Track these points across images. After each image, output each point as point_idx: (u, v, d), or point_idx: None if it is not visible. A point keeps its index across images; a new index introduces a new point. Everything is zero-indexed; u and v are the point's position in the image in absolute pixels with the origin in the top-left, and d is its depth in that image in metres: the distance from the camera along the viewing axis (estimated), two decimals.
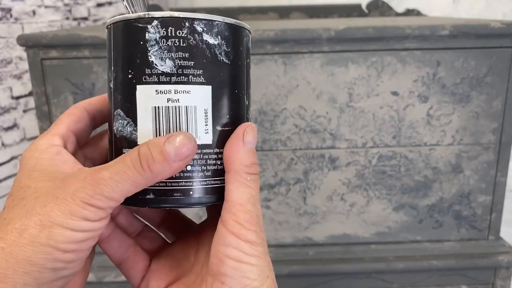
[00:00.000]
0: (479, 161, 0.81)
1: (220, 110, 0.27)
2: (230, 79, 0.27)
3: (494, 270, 0.85)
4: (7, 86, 1.32)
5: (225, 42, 0.27)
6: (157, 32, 0.25)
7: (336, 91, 0.78)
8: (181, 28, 0.25)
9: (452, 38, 0.75)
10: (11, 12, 1.32)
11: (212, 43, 0.26)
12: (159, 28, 0.25)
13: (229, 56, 0.27)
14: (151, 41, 0.25)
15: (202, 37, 0.26)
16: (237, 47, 0.28)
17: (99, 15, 1.61)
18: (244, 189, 0.26)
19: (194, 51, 0.26)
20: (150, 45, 0.25)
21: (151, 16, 0.25)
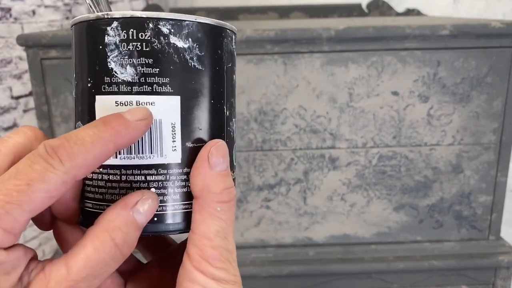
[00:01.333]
0: (480, 161, 0.81)
1: (191, 123, 0.23)
2: (204, 88, 0.24)
3: (495, 270, 0.85)
4: (6, 86, 1.32)
5: (198, 45, 0.23)
6: (117, 35, 0.22)
7: (336, 91, 0.77)
8: (144, 30, 0.22)
9: (452, 38, 0.74)
10: (11, 12, 1.31)
11: (181, 46, 0.23)
12: (119, 31, 0.22)
13: (203, 61, 0.24)
14: (110, 45, 0.22)
15: (168, 40, 0.22)
16: (213, 51, 0.24)
17: None
18: (213, 221, 0.22)
19: (159, 56, 0.22)
20: (109, 50, 0.22)
21: (110, 16, 0.22)
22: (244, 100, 0.78)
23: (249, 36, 0.73)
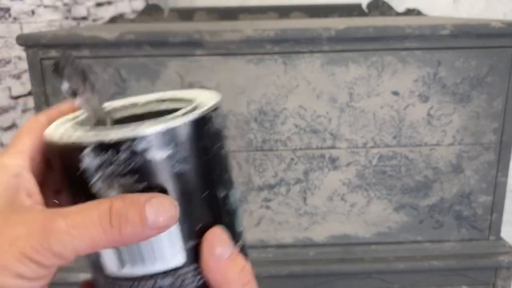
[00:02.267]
0: (480, 161, 0.81)
1: (188, 223, 0.22)
2: (194, 184, 0.23)
3: (495, 271, 0.85)
4: (6, 86, 1.32)
5: (179, 149, 0.21)
6: (94, 161, 0.21)
7: (336, 91, 0.77)
8: (118, 151, 0.20)
9: (452, 37, 0.74)
10: (10, 12, 1.31)
11: (159, 158, 0.21)
12: (94, 156, 0.20)
13: (188, 160, 0.22)
14: (89, 171, 0.21)
15: (146, 157, 0.21)
16: (197, 146, 0.22)
17: (98, 15, 1.61)
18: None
19: (141, 172, 0.21)
20: (88, 176, 0.21)
21: (84, 142, 0.20)
22: (244, 100, 0.77)
23: (249, 36, 0.73)
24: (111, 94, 0.77)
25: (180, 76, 0.76)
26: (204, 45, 0.74)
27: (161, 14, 1.18)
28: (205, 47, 0.75)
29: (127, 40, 0.73)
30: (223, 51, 0.75)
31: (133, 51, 0.75)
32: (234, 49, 0.75)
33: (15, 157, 0.23)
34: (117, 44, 0.74)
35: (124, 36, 0.73)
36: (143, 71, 0.76)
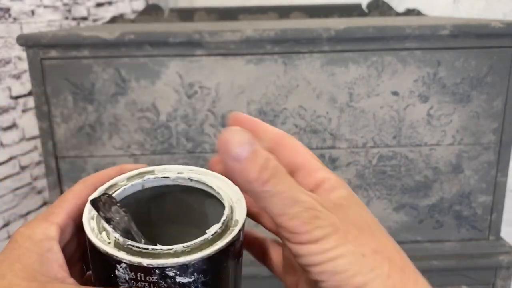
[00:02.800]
0: (480, 161, 0.81)
1: None
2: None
3: (495, 270, 0.85)
4: (5, 86, 1.32)
5: (203, 275, 0.23)
6: (126, 274, 0.23)
7: (336, 91, 0.77)
8: (150, 274, 0.23)
9: (452, 38, 0.74)
10: (10, 12, 1.31)
11: (186, 281, 0.23)
12: (128, 271, 0.23)
13: (209, 283, 0.24)
14: (120, 278, 0.23)
15: (174, 280, 0.23)
16: (218, 269, 0.25)
17: (98, 15, 1.61)
18: (270, 200, 0.23)
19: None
20: (120, 281, 0.24)
21: (119, 258, 0.23)
22: (244, 100, 0.78)
23: (249, 36, 0.73)
24: (111, 94, 0.77)
25: (180, 76, 0.76)
26: (204, 45, 0.74)
27: (161, 14, 1.18)
28: (205, 47, 0.75)
29: (127, 40, 0.73)
30: (223, 51, 0.75)
31: (133, 51, 0.75)
32: (234, 49, 0.75)
33: (47, 229, 0.25)
34: (117, 44, 0.74)
35: (124, 36, 0.73)
36: (143, 71, 0.76)
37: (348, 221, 0.23)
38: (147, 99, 0.77)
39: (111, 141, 0.79)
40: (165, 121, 0.78)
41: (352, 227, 0.23)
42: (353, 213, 0.24)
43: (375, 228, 0.24)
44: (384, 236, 0.24)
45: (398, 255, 0.24)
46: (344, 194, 0.25)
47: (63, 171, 0.80)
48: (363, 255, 0.23)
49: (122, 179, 0.28)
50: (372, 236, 0.24)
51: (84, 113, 0.78)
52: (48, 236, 0.25)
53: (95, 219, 0.26)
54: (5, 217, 1.33)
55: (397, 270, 0.23)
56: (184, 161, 0.80)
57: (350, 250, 0.22)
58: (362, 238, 0.23)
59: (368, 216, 0.25)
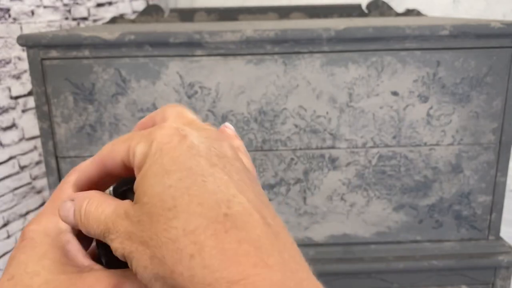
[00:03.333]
0: (479, 161, 0.81)
1: None
2: None
3: (494, 270, 0.85)
4: (5, 86, 1.32)
5: None
6: None
7: (336, 91, 0.78)
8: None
9: (452, 38, 0.75)
10: (10, 12, 1.31)
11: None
12: None
13: None
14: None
15: None
16: None
17: (98, 15, 1.61)
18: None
19: None
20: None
21: None
22: (244, 100, 0.78)
23: (249, 37, 0.73)
24: (111, 94, 0.77)
25: (180, 76, 0.76)
26: (204, 45, 0.74)
27: (161, 14, 1.19)
28: (205, 48, 0.75)
29: (127, 41, 0.73)
30: (223, 52, 0.75)
31: (133, 52, 0.75)
32: (234, 49, 0.75)
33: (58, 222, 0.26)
34: (118, 45, 0.74)
35: (124, 36, 0.73)
36: (144, 71, 0.76)
37: (138, 220, 0.22)
38: (147, 99, 0.77)
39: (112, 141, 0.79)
40: None
41: (138, 229, 0.21)
42: (150, 198, 0.21)
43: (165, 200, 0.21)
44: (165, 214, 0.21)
45: (175, 245, 0.20)
46: (143, 171, 0.22)
47: (64, 171, 0.80)
48: (145, 267, 0.21)
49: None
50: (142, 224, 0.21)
51: (84, 113, 0.78)
52: (62, 230, 0.26)
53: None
54: (4, 217, 1.33)
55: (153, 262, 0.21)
56: None
57: (138, 264, 0.21)
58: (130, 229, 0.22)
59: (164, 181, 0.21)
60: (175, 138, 0.22)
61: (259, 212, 0.21)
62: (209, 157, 0.22)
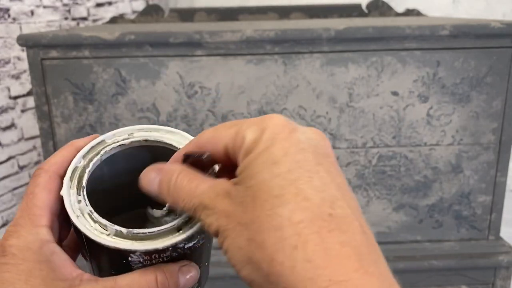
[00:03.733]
0: (479, 161, 0.81)
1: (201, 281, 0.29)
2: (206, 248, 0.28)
3: (494, 270, 0.85)
4: (5, 86, 1.32)
5: (203, 235, 0.27)
6: (141, 258, 0.25)
7: (336, 91, 0.78)
8: (164, 252, 0.25)
9: (452, 38, 0.75)
10: (9, 12, 1.31)
11: (191, 245, 0.26)
12: (142, 256, 0.25)
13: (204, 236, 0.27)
14: (134, 262, 0.25)
15: (184, 248, 0.26)
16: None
17: (98, 15, 1.61)
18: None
19: (175, 259, 0.26)
20: (133, 264, 0.25)
21: (134, 249, 0.25)
22: (244, 100, 0.78)
23: (249, 37, 0.73)
24: (111, 94, 0.77)
25: (180, 76, 0.76)
26: (204, 45, 0.74)
27: (161, 14, 1.18)
28: (205, 48, 0.75)
29: (127, 41, 0.73)
30: (223, 52, 0.75)
31: (133, 52, 0.75)
32: (234, 49, 0.75)
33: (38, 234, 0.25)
34: (118, 45, 0.74)
35: (124, 36, 0.73)
36: (144, 71, 0.76)
37: (241, 201, 0.22)
38: (147, 99, 0.77)
39: None
40: (165, 121, 0.78)
41: (239, 210, 0.22)
42: (257, 183, 0.21)
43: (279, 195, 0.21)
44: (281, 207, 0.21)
45: (278, 233, 0.20)
46: (253, 156, 0.22)
47: None
48: (240, 247, 0.21)
49: (78, 160, 0.28)
50: (260, 218, 0.21)
51: (84, 113, 0.78)
52: (44, 241, 0.25)
53: (81, 215, 0.26)
54: (3, 217, 1.33)
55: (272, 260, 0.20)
56: None
57: (232, 242, 0.22)
58: (246, 219, 0.21)
59: (280, 173, 0.21)
60: (286, 129, 0.23)
61: (357, 220, 0.21)
62: (315, 154, 0.22)
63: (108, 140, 0.29)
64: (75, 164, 0.27)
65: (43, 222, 0.25)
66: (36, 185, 0.26)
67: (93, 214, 0.25)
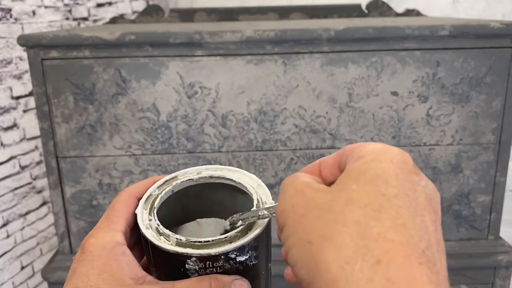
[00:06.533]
0: (479, 161, 0.82)
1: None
2: (260, 269, 0.30)
3: (494, 270, 0.85)
4: (7, 86, 1.32)
5: (254, 251, 0.29)
6: (196, 265, 0.28)
7: (336, 91, 0.78)
8: (217, 260, 0.28)
9: (451, 38, 0.75)
10: (11, 13, 1.32)
11: (243, 259, 0.29)
12: (197, 262, 0.28)
13: (257, 256, 0.29)
14: (190, 270, 0.28)
15: (235, 260, 0.28)
16: (263, 244, 0.30)
17: (99, 15, 1.61)
18: None
19: (228, 271, 0.28)
20: (190, 273, 0.28)
21: (190, 254, 0.27)
22: (244, 100, 0.78)
23: (249, 37, 0.73)
24: (112, 94, 0.77)
25: (180, 76, 0.77)
26: (204, 45, 0.75)
27: (161, 14, 1.19)
28: (205, 48, 0.75)
29: (127, 41, 0.74)
30: (223, 52, 0.75)
31: (133, 52, 0.75)
32: (234, 49, 0.75)
33: (114, 236, 0.29)
34: (118, 45, 0.74)
35: (124, 36, 0.73)
36: (144, 71, 0.76)
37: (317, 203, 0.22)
38: (147, 99, 0.78)
39: (112, 141, 0.79)
40: (166, 121, 0.79)
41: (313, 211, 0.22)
42: (357, 188, 0.22)
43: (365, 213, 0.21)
44: (362, 222, 0.20)
45: (362, 242, 0.20)
46: (356, 164, 0.23)
47: (64, 171, 0.80)
48: (309, 242, 0.21)
49: (154, 189, 0.33)
50: (337, 222, 0.21)
51: (84, 113, 0.78)
52: (118, 243, 0.29)
53: (149, 228, 0.30)
54: (4, 217, 1.33)
55: (349, 259, 0.20)
56: (185, 161, 0.81)
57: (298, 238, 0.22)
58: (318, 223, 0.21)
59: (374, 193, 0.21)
60: (408, 167, 0.23)
61: (446, 276, 0.22)
62: (427, 202, 0.23)
63: (180, 176, 0.34)
64: (150, 192, 0.32)
65: (119, 228, 0.30)
66: (118, 201, 0.31)
67: (159, 227, 0.29)
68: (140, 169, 0.81)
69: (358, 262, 0.19)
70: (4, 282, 1.33)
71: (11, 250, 1.36)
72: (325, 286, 0.20)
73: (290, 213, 0.23)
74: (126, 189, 0.33)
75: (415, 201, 0.22)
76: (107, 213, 0.31)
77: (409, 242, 0.20)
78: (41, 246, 1.48)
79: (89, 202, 0.82)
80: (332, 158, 0.27)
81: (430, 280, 0.20)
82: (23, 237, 1.40)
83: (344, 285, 0.19)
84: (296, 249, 0.22)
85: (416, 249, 0.20)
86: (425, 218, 0.22)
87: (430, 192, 0.23)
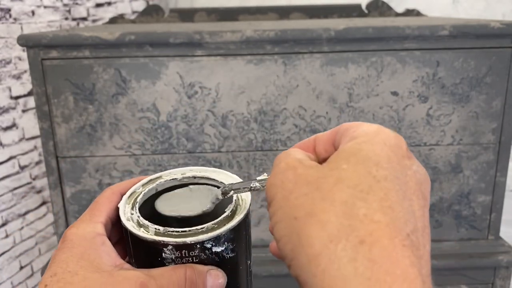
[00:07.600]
0: (479, 161, 0.82)
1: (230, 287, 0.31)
2: (237, 262, 0.31)
3: (494, 270, 0.85)
4: (6, 86, 1.32)
5: (230, 244, 0.30)
6: (172, 254, 0.28)
7: (336, 91, 0.78)
8: (193, 249, 0.28)
9: (451, 38, 0.75)
10: (10, 12, 1.31)
11: (219, 251, 0.29)
12: (174, 251, 0.28)
13: (234, 249, 0.30)
14: (167, 259, 0.29)
15: (211, 250, 0.29)
16: (240, 236, 0.31)
17: (98, 15, 1.61)
18: None
19: (205, 262, 0.29)
20: (166, 262, 0.29)
21: (166, 242, 0.28)
22: (244, 100, 0.78)
23: (249, 37, 0.73)
24: (112, 94, 0.77)
25: (180, 76, 0.76)
26: (204, 45, 0.75)
27: (161, 14, 1.19)
28: (205, 48, 0.75)
29: (127, 41, 0.73)
30: (223, 52, 0.75)
31: (133, 52, 0.75)
32: (234, 49, 0.75)
33: (95, 227, 0.30)
34: (118, 45, 0.74)
35: (124, 36, 0.73)
36: (144, 71, 0.76)
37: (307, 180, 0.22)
38: (147, 99, 0.77)
39: (112, 141, 0.79)
40: (166, 121, 0.78)
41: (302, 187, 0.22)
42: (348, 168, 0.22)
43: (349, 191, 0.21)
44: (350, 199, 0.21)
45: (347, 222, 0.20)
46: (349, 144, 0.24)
47: (64, 171, 0.80)
48: (295, 218, 0.21)
49: (138, 187, 0.34)
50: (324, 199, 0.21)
51: (84, 113, 0.78)
52: (98, 233, 0.30)
53: (130, 220, 0.31)
54: (3, 216, 1.33)
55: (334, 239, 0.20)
56: (185, 161, 0.81)
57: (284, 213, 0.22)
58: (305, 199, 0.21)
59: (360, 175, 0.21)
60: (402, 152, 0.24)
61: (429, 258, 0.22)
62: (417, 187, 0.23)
63: (164, 176, 0.35)
64: (134, 189, 0.34)
65: (100, 220, 0.31)
66: (101, 196, 0.33)
67: (139, 218, 0.30)
68: (140, 169, 0.81)
69: (341, 242, 0.20)
70: (3, 281, 1.33)
71: (10, 250, 1.35)
72: (308, 262, 0.20)
73: (279, 188, 0.23)
74: (111, 186, 0.34)
75: (405, 185, 0.22)
76: (90, 207, 0.32)
77: (395, 225, 0.20)
78: (40, 246, 1.47)
79: (89, 202, 0.82)
80: (327, 135, 0.28)
81: (412, 263, 0.20)
82: (22, 237, 1.40)
83: (326, 262, 0.20)
84: (282, 224, 0.22)
85: (401, 232, 0.20)
86: (413, 203, 0.22)
87: (420, 177, 0.23)
